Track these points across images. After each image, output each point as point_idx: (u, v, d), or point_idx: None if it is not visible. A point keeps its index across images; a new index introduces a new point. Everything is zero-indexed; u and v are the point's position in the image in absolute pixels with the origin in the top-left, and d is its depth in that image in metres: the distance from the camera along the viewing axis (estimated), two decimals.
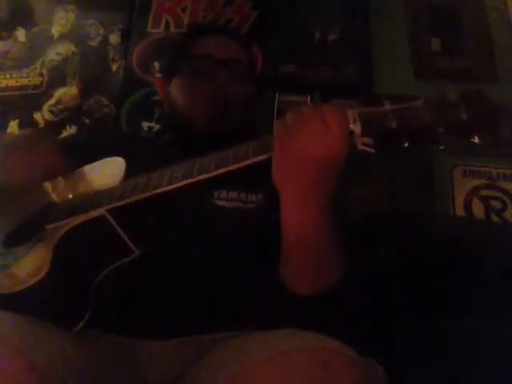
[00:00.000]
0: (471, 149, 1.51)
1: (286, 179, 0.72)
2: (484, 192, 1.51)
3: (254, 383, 0.60)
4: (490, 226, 1.43)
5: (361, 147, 0.67)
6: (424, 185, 1.51)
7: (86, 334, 0.77)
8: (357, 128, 0.66)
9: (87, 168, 0.88)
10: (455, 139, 0.65)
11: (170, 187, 0.75)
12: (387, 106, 0.67)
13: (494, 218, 1.47)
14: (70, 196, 0.84)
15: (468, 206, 1.49)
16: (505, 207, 1.48)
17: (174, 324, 0.80)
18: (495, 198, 1.49)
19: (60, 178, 0.87)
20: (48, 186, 0.86)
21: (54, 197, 0.85)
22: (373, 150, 0.66)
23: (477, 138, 0.64)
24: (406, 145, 0.66)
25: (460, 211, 1.48)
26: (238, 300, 0.83)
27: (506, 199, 1.49)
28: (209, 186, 0.89)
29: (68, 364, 0.66)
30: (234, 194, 0.92)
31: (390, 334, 0.98)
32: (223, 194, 0.92)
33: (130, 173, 0.82)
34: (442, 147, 0.66)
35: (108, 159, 0.87)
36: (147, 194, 0.76)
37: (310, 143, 0.67)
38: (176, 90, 1.06)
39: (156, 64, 1.78)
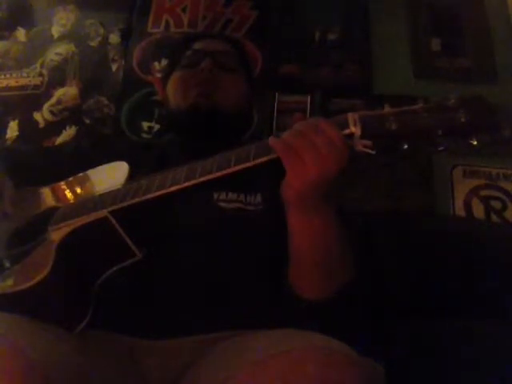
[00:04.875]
0: (471, 149, 1.51)
1: (298, 197, 0.73)
2: (484, 192, 1.51)
3: (254, 383, 0.60)
4: (490, 225, 1.43)
5: (361, 149, 0.68)
6: (424, 185, 1.51)
7: (86, 334, 0.77)
8: (357, 130, 0.67)
9: (91, 172, 0.88)
10: (454, 141, 0.66)
11: (172, 189, 0.75)
12: (387, 109, 0.68)
13: (494, 218, 1.47)
14: (73, 200, 0.84)
15: (468, 206, 1.49)
16: (505, 207, 1.48)
17: (173, 324, 0.80)
18: (495, 198, 1.49)
19: (62, 183, 0.87)
20: (49, 190, 0.87)
21: (56, 201, 0.85)
22: (373, 152, 0.67)
23: (475, 140, 0.65)
24: (406, 147, 0.67)
25: (460, 211, 1.48)
26: (238, 300, 0.83)
27: (506, 199, 1.49)
28: (208, 187, 0.89)
29: (67, 364, 0.66)
30: (233, 196, 0.92)
31: (389, 333, 0.98)
32: (222, 195, 0.92)
33: (132, 175, 0.82)
34: (440, 148, 0.67)
35: (111, 164, 0.87)
36: (149, 196, 0.76)
37: (323, 164, 0.67)
38: (170, 86, 1.11)
39: (156, 64, 1.78)
